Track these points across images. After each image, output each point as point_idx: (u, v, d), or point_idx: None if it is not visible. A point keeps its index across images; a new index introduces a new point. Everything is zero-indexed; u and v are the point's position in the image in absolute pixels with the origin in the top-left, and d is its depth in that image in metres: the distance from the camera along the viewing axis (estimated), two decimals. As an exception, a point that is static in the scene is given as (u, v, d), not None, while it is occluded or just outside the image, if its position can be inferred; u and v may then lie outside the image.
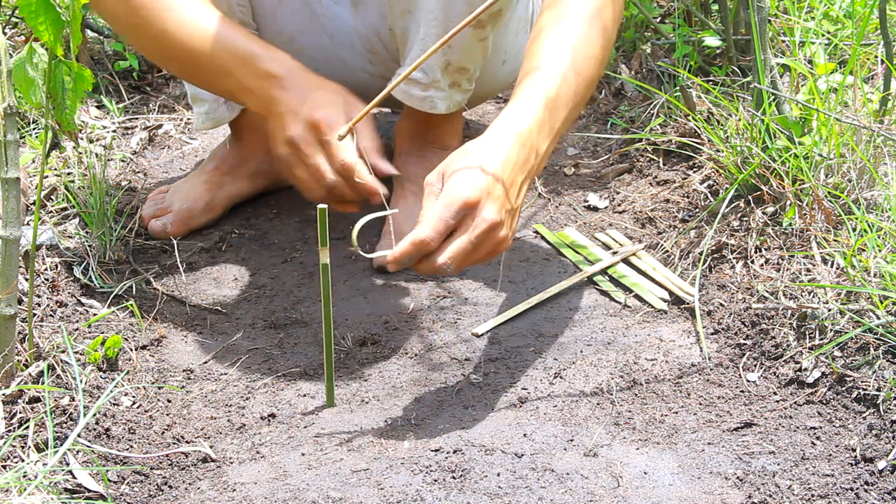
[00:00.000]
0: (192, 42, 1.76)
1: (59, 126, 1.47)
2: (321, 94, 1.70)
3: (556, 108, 1.58)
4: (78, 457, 1.44)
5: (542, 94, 1.57)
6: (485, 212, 1.48)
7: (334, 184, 1.68)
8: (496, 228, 1.49)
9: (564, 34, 1.63)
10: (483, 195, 1.48)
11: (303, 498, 1.43)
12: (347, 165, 1.65)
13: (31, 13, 1.39)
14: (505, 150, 1.52)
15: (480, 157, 1.51)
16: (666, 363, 1.72)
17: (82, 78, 1.45)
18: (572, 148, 2.50)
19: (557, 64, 1.60)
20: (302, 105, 1.69)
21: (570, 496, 1.42)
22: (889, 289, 1.61)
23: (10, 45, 2.58)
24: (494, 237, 1.50)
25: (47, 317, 1.74)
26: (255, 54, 1.75)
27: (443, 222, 1.46)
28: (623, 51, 2.67)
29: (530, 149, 1.55)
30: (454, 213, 1.47)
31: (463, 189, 1.47)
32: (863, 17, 2.20)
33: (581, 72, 1.62)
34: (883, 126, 1.89)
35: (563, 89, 1.59)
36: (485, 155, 1.51)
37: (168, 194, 2.16)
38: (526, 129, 1.54)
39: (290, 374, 1.73)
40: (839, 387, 1.58)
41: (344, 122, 1.66)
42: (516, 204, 1.54)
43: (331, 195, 1.69)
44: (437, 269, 1.49)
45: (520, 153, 1.53)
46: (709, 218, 2.01)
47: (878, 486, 1.40)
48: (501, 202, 1.50)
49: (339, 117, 1.67)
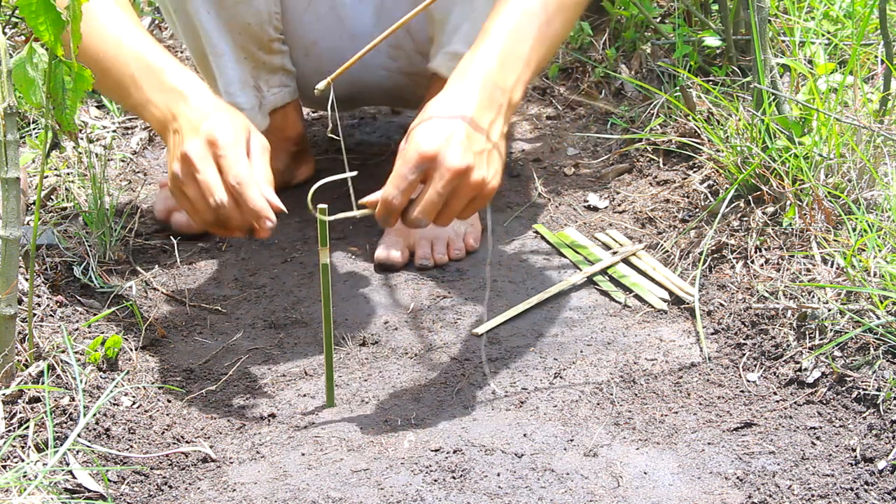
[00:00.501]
0: (103, 48, 1.70)
1: (59, 126, 1.47)
2: (222, 115, 1.62)
3: (519, 37, 1.57)
4: (78, 457, 1.44)
5: (498, 28, 1.57)
6: (447, 160, 1.48)
7: (222, 203, 1.56)
8: (465, 174, 1.49)
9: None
10: (440, 144, 1.48)
11: (303, 498, 1.43)
12: (240, 179, 1.55)
13: (31, 13, 1.39)
14: (461, 95, 1.53)
15: (436, 108, 1.52)
16: (666, 363, 1.72)
17: (82, 78, 1.45)
18: (572, 148, 2.50)
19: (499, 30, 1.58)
20: (202, 122, 1.61)
21: (570, 496, 1.42)
22: (889, 289, 1.61)
23: (10, 45, 2.58)
24: (467, 183, 1.50)
25: (47, 317, 1.74)
26: (163, 67, 1.68)
27: (403, 179, 1.49)
28: (623, 51, 2.67)
29: (493, 86, 1.54)
30: (412, 167, 1.48)
31: (418, 142, 1.49)
32: (863, 17, 2.20)
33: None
34: (883, 126, 1.89)
35: (525, 17, 1.59)
36: (440, 104, 1.52)
37: None
38: (483, 68, 1.55)
39: (290, 374, 1.73)
40: (839, 387, 1.58)
41: (243, 144, 1.59)
42: (489, 144, 1.52)
43: (217, 217, 1.58)
44: (413, 224, 1.51)
45: (480, 93, 1.53)
46: (709, 218, 2.01)
47: (878, 486, 1.40)
48: (465, 146, 1.49)
49: (239, 138, 1.60)
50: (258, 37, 2.05)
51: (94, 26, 1.68)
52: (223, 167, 1.57)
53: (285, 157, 2.24)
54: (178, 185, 1.60)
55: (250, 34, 2.04)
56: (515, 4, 1.61)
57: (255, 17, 2.03)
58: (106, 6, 1.73)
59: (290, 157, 2.25)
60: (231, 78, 2.06)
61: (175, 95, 1.65)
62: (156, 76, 1.67)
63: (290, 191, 2.30)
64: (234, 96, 2.07)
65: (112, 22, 1.72)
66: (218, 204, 1.56)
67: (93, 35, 1.68)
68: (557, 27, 1.64)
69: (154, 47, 1.71)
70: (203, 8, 1.98)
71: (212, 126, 1.59)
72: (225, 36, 2.02)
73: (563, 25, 1.66)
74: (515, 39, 1.58)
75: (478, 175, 1.51)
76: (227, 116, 1.62)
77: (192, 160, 1.57)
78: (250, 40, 2.05)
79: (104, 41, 1.70)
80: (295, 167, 2.28)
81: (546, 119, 2.66)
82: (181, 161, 1.59)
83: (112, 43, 1.70)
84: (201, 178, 1.57)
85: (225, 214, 1.56)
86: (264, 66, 2.10)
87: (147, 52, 1.70)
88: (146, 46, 1.71)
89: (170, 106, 1.65)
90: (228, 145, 1.57)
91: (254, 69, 2.09)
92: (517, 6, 1.61)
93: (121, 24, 1.73)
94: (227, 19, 2.00)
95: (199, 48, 2.04)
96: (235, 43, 2.04)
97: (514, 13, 1.60)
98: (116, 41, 1.70)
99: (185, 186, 1.59)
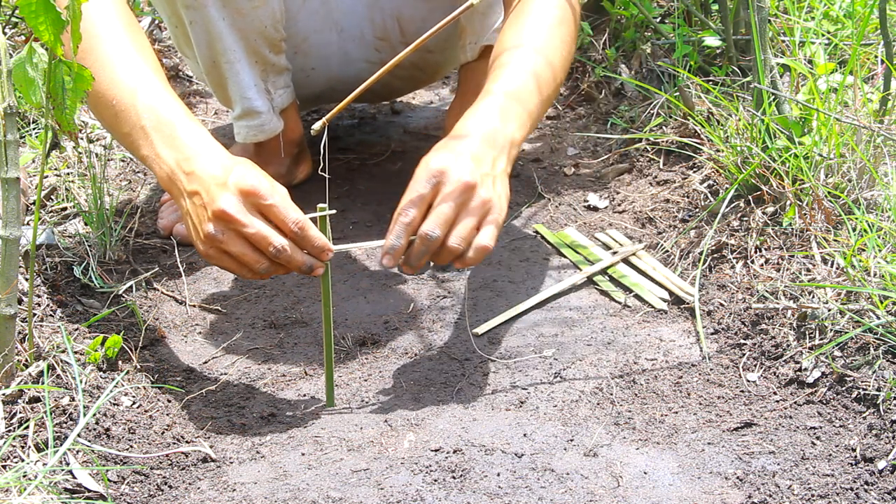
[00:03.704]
0: (119, 96, 1.66)
1: (59, 126, 1.47)
2: (245, 166, 1.57)
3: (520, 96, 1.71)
4: (78, 457, 1.44)
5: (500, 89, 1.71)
6: (455, 173, 1.58)
7: (282, 249, 1.52)
8: (472, 189, 1.58)
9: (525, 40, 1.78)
10: (450, 162, 1.59)
11: (303, 498, 1.43)
12: (301, 222, 1.53)
13: (31, 13, 1.39)
14: (467, 134, 1.65)
15: (445, 144, 1.64)
16: (666, 363, 1.72)
17: (82, 78, 1.45)
18: (572, 148, 2.50)
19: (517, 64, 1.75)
20: (227, 176, 1.54)
21: (570, 496, 1.42)
22: (889, 289, 1.61)
23: (10, 45, 2.58)
24: (473, 198, 1.58)
25: (47, 317, 1.74)
26: (175, 124, 1.62)
27: (416, 193, 1.57)
28: (623, 51, 2.67)
29: (494, 130, 1.66)
30: (424, 182, 1.57)
31: (428, 162, 1.60)
32: (863, 17, 2.20)
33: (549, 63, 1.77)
34: (883, 126, 1.89)
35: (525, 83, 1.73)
36: (449, 141, 1.64)
37: None
38: (487, 116, 1.68)
39: (290, 374, 1.73)
40: (839, 387, 1.58)
41: (276, 190, 1.55)
42: (493, 171, 1.63)
43: (274, 265, 1.55)
44: (425, 239, 1.55)
45: (485, 135, 1.65)
46: (709, 218, 2.01)
47: (878, 486, 1.40)
48: (472, 166, 1.59)
49: (274, 185, 1.55)
50: (271, 38, 2.07)
51: (110, 73, 1.66)
52: (277, 214, 1.53)
53: (287, 159, 2.25)
54: (217, 244, 1.54)
55: (265, 37, 2.05)
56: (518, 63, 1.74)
57: (271, 19, 2.04)
58: (122, 46, 1.70)
59: (290, 158, 2.26)
60: (247, 83, 2.07)
61: (188, 153, 1.60)
62: (168, 131, 1.62)
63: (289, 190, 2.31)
64: (252, 101, 2.09)
65: (128, 67, 1.68)
66: (279, 250, 1.52)
67: (108, 82, 1.65)
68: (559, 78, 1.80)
69: (168, 100, 1.66)
70: (218, 15, 1.99)
71: (242, 177, 1.54)
72: (240, 42, 2.03)
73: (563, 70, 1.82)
74: (516, 98, 1.71)
75: (485, 193, 1.58)
76: (246, 167, 1.57)
77: (234, 216, 1.52)
78: (264, 43, 2.06)
79: (121, 88, 1.66)
80: (294, 168, 2.29)
81: (546, 119, 2.66)
82: (218, 219, 1.52)
83: (128, 92, 1.65)
84: (251, 231, 1.52)
85: (286, 258, 1.53)
86: (273, 67, 2.11)
87: (161, 106, 1.64)
88: (161, 99, 1.65)
89: (181, 164, 1.59)
90: (271, 192, 1.53)
91: (263, 72, 2.10)
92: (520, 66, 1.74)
93: (137, 71, 1.68)
94: (243, 25, 2.02)
95: (211, 56, 2.04)
96: (249, 48, 2.05)
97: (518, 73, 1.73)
98: (132, 91, 1.65)
99: (227, 245, 1.53)
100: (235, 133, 2.15)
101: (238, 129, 2.14)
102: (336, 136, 2.58)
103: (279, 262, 1.54)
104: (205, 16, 1.99)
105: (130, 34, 1.72)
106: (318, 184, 2.28)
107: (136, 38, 1.73)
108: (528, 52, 1.77)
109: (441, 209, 1.56)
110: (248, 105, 2.10)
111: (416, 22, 2.18)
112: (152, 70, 1.69)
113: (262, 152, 2.20)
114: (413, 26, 2.18)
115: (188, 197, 1.58)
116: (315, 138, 1.64)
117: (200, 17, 1.99)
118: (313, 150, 2.38)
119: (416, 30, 2.15)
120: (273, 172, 2.23)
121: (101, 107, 1.67)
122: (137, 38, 1.73)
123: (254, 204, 1.53)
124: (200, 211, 1.56)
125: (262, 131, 2.13)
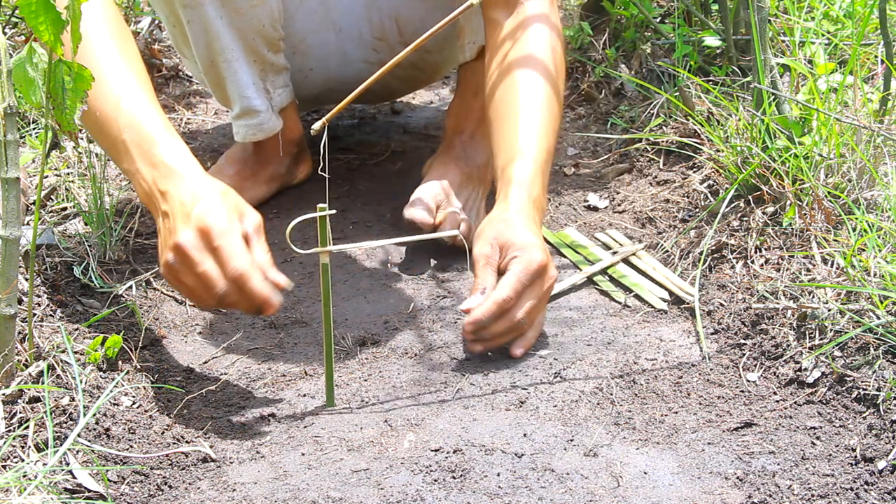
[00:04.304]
0: (103, 107, 1.67)
1: (59, 126, 1.47)
2: (213, 198, 1.58)
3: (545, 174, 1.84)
4: (78, 457, 1.44)
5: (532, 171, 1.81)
6: (552, 270, 1.74)
7: (225, 293, 1.55)
8: (553, 282, 1.76)
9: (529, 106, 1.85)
10: (548, 258, 1.73)
11: (303, 498, 1.43)
12: (239, 274, 1.54)
13: (31, 13, 1.39)
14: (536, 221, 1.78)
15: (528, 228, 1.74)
16: (666, 363, 1.72)
17: (82, 78, 1.45)
18: (572, 148, 2.50)
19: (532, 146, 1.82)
20: (192, 208, 1.57)
21: (570, 496, 1.42)
22: (889, 289, 1.61)
23: (10, 45, 2.58)
24: (551, 289, 1.76)
25: (47, 317, 1.74)
26: (155, 139, 1.64)
27: (521, 284, 1.69)
28: (623, 51, 2.67)
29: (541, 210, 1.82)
30: (531, 275, 1.69)
31: (537, 254, 1.70)
32: (863, 17, 2.20)
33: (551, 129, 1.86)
34: (883, 126, 1.89)
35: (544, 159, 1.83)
36: (529, 227, 1.74)
37: None
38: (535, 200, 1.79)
39: (290, 374, 1.73)
40: (839, 387, 1.58)
41: (237, 229, 1.57)
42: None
43: (221, 304, 1.58)
44: (514, 324, 1.70)
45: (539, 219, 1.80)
46: (709, 218, 2.01)
47: (878, 486, 1.40)
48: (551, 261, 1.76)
49: (233, 223, 1.57)
50: (270, 37, 2.07)
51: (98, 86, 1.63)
52: (222, 260, 1.54)
53: (286, 158, 2.25)
54: (174, 273, 1.58)
55: (263, 36, 2.05)
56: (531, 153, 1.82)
57: (269, 18, 2.05)
58: (107, 53, 1.70)
59: (290, 158, 2.26)
60: (245, 82, 2.07)
61: (164, 171, 1.62)
62: (147, 147, 1.64)
63: (290, 190, 2.31)
64: (251, 100, 2.09)
65: (112, 76, 1.68)
66: (222, 295, 1.55)
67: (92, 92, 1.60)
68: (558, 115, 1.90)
69: (150, 114, 1.67)
70: (216, 14, 1.99)
71: (203, 212, 1.56)
72: (238, 41, 2.03)
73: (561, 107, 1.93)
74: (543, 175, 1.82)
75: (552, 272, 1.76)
76: (219, 199, 1.58)
77: (188, 252, 1.55)
78: (262, 42, 2.06)
79: (105, 100, 1.66)
80: (294, 168, 2.29)
81: (546, 119, 2.65)
82: (175, 252, 1.56)
83: (111, 103, 1.66)
84: (200, 271, 1.55)
85: (229, 302, 1.56)
86: (272, 66, 2.11)
87: (142, 120, 1.65)
88: (142, 112, 1.66)
89: (157, 182, 1.62)
90: (223, 234, 1.55)
91: (261, 71, 2.10)
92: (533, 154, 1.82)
93: (121, 80, 1.68)
94: (241, 24, 2.02)
95: (209, 56, 2.04)
96: (247, 47, 2.05)
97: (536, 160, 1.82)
98: (115, 102, 1.66)
99: (182, 276, 1.57)
100: (234, 132, 2.15)
101: (237, 129, 2.14)
102: (336, 136, 2.58)
103: (223, 304, 1.57)
104: (202, 15, 1.99)
105: (117, 40, 1.72)
106: (318, 184, 2.28)
107: (123, 45, 1.72)
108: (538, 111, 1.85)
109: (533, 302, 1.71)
110: (246, 104, 2.10)
111: (415, 22, 2.18)
112: (137, 79, 1.69)
113: (262, 151, 2.20)
114: (411, 26, 2.19)
115: (161, 216, 1.62)
116: (315, 138, 1.64)
117: (198, 16, 1.99)
118: (313, 150, 2.38)
119: (415, 30, 2.15)
120: (273, 172, 2.24)
121: (86, 116, 1.68)
122: (124, 45, 1.72)
123: (207, 245, 1.55)
124: (166, 235, 1.60)
125: (261, 130, 2.13)
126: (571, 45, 2.76)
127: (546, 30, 1.91)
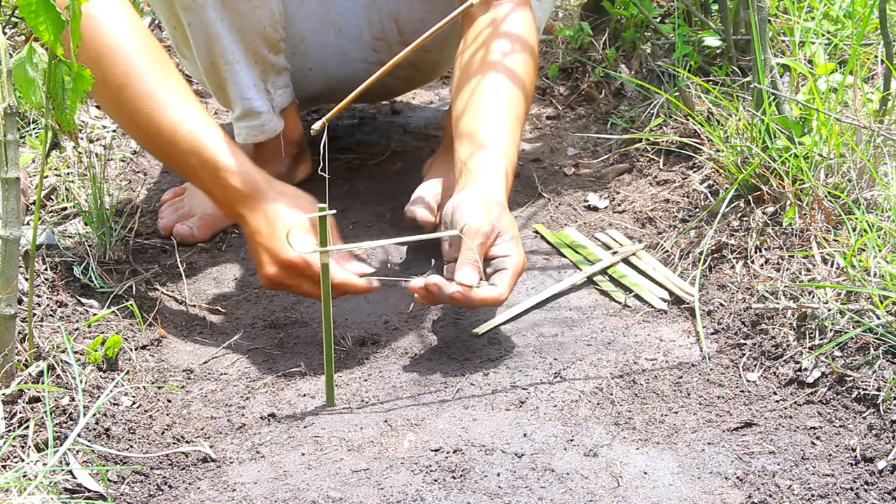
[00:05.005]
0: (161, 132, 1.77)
1: (59, 126, 1.47)
2: (282, 227, 1.71)
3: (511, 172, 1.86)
4: (78, 457, 1.44)
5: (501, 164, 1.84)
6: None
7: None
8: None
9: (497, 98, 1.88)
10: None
11: (303, 498, 1.43)
12: (341, 287, 1.72)
13: (31, 13, 1.39)
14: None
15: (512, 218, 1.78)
16: (666, 363, 1.72)
17: (82, 78, 1.45)
18: (572, 148, 2.50)
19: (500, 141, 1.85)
20: (269, 241, 1.72)
21: (570, 496, 1.42)
22: (889, 289, 1.61)
23: (10, 45, 2.58)
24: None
25: (47, 317, 1.74)
26: (217, 164, 1.76)
27: (514, 283, 1.72)
28: (623, 51, 2.67)
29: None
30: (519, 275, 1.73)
31: (522, 254, 1.74)
32: (863, 17, 2.20)
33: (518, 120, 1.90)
34: (883, 126, 1.89)
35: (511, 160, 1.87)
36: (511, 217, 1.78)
37: (185, 199, 2.17)
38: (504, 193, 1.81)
39: (290, 374, 1.73)
40: (839, 387, 1.58)
41: (311, 244, 1.68)
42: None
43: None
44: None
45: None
46: (709, 218, 2.01)
47: (878, 486, 1.40)
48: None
49: (308, 245, 1.69)
50: (270, 38, 2.07)
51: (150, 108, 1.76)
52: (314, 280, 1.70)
53: (286, 159, 2.25)
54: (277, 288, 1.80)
55: (264, 37, 2.05)
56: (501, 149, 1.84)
57: (270, 19, 2.05)
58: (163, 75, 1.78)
59: (290, 158, 2.26)
60: (246, 83, 2.07)
61: (233, 194, 1.76)
62: (212, 172, 1.76)
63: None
64: (252, 101, 2.09)
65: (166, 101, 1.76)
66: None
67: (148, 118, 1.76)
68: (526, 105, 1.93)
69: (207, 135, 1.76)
70: (217, 16, 1.99)
71: (279, 249, 1.70)
72: (239, 43, 2.03)
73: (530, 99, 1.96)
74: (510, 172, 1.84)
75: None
76: (286, 224, 1.70)
77: (283, 281, 1.74)
78: (263, 43, 2.06)
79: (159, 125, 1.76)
80: (294, 168, 2.29)
81: (546, 119, 2.66)
82: (270, 282, 1.75)
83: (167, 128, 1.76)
84: (303, 290, 1.75)
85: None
86: (272, 67, 2.11)
87: (202, 145, 1.76)
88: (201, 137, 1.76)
89: (233, 206, 1.77)
90: (308, 264, 1.69)
91: (262, 72, 2.10)
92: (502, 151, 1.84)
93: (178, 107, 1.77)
94: (242, 26, 2.02)
95: (210, 58, 2.04)
96: (248, 48, 2.05)
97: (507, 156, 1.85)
98: (171, 129, 1.76)
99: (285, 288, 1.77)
100: (236, 134, 2.15)
101: (238, 130, 2.14)
102: (336, 136, 2.58)
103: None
104: (203, 17, 1.99)
105: (162, 55, 1.80)
106: (318, 184, 2.27)
107: (166, 60, 1.80)
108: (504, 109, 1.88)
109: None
110: (247, 105, 2.10)
111: (414, 22, 2.18)
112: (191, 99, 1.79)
113: (263, 152, 2.20)
114: (411, 26, 2.19)
115: (248, 238, 1.78)
116: (315, 138, 1.64)
117: (199, 18, 1.99)
118: (313, 150, 2.38)
119: (414, 30, 2.15)
120: (273, 172, 2.23)
121: (144, 141, 1.83)
122: (166, 59, 1.80)
123: (294, 272, 1.72)
124: (257, 265, 1.77)
125: (263, 132, 2.13)
126: (571, 45, 2.76)
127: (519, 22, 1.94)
